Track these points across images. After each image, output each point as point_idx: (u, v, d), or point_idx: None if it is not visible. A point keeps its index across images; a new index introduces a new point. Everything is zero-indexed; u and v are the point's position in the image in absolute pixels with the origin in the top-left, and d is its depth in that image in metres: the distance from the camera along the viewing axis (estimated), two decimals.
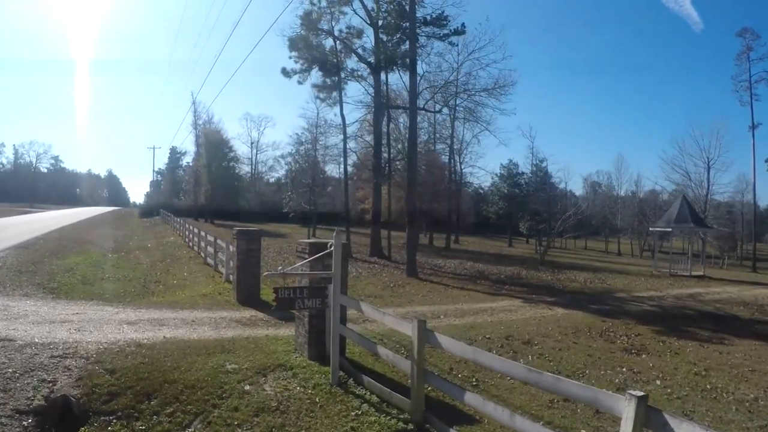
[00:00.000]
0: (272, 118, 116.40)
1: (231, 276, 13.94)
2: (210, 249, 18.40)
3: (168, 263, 19.51)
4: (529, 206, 54.81)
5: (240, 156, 63.38)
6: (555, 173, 64.54)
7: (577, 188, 66.70)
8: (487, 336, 10.12)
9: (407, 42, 21.55)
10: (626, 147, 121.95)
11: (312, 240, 7.19)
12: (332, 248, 6.06)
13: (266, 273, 5.89)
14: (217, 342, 8.07)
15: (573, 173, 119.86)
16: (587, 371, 8.55)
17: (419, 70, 25.11)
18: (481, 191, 63.25)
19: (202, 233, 20.46)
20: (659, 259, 31.20)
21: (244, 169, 67.94)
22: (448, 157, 43.74)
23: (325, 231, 45.33)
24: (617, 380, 8.16)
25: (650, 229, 32.33)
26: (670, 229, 27.70)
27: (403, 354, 8.39)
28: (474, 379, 7.49)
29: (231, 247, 13.57)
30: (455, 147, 43.87)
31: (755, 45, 45.20)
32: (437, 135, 41.25)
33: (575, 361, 9.04)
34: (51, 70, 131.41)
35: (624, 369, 8.80)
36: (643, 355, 9.86)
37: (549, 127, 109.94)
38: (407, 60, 22.15)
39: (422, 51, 22.46)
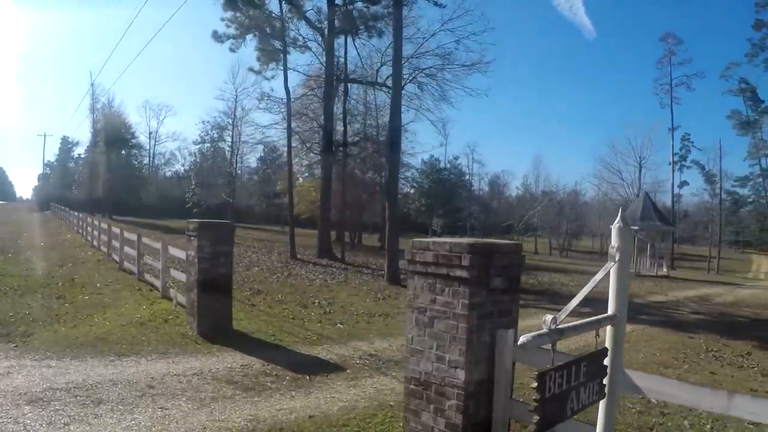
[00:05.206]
0: (173, 107, 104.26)
1: (174, 292, 9.59)
2: (129, 250, 13.69)
3: (70, 268, 14.44)
4: (450, 203, 53.00)
5: (142, 144, 56.09)
6: (475, 171, 63.92)
7: (485, 187, 66.42)
8: None
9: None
10: (544, 147, 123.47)
11: (470, 240, 3.20)
12: (618, 261, 2.37)
13: (525, 338, 2.01)
14: None
15: (489, 171, 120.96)
16: None
17: (383, 41, 21.52)
18: (404, 186, 60.36)
19: (115, 230, 15.44)
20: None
21: (144, 160, 60.34)
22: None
23: (243, 229, 39.44)
24: None
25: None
26: (636, 228, 26.41)
27: None
28: None
29: (188, 252, 9.03)
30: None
31: (678, 50, 46.91)
32: (369, 119, 35.70)
33: None
34: None
35: None
36: None
37: (471, 127, 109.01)
38: (377, 24, 18.54)
39: (394, 15, 18.54)
